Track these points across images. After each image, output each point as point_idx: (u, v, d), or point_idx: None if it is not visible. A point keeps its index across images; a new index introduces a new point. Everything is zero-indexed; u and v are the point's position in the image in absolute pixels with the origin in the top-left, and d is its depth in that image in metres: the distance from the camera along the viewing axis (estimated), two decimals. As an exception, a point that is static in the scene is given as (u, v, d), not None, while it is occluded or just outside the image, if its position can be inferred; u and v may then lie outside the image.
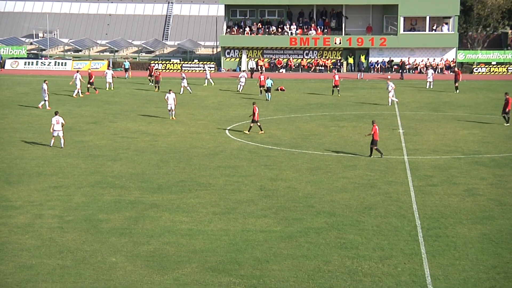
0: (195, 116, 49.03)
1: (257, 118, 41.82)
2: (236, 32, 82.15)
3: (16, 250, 22.54)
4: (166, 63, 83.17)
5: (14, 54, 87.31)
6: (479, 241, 23.46)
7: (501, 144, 39.55)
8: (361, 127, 45.05)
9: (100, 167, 33.62)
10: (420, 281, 20.31)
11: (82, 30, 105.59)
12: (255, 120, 41.82)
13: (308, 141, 40.41)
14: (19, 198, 28.35)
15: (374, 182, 31.01)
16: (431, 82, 65.83)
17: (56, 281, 20.12)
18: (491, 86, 68.26)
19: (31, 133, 42.37)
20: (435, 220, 25.67)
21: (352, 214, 26.37)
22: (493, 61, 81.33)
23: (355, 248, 22.81)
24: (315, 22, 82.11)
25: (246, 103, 55.51)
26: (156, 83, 63.03)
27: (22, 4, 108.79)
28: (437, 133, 42.71)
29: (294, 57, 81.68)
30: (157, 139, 40.48)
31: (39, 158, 35.44)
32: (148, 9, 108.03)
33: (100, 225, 25.00)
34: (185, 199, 28.34)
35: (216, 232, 24.29)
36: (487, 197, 28.72)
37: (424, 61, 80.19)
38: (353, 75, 77.03)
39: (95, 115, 48.71)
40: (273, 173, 32.63)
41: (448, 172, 32.88)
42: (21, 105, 53.54)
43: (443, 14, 79.94)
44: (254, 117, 41.73)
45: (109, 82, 63.47)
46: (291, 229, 24.67)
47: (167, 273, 20.76)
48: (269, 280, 20.29)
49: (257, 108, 41.90)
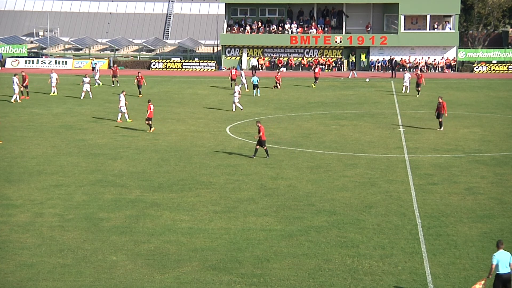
0: (195, 115, 49.02)
1: (264, 138, 35.07)
2: (236, 30, 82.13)
3: (16, 248, 22.55)
4: (166, 62, 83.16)
5: (15, 52, 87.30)
6: (479, 239, 23.45)
7: (502, 143, 39.54)
8: (361, 125, 45.05)
9: (101, 166, 33.62)
10: (421, 279, 20.31)
11: (83, 29, 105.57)
12: (263, 141, 35.00)
13: (308, 139, 40.41)
14: (19, 196, 28.35)
15: (374, 181, 31.01)
16: (408, 86, 61.37)
17: (57, 280, 20.13)
18: (492, 84, 68.24)
19: (32, 131, 42.38)
20: (435, 219, 25.66)
21: (352, 213, 26.37)
22: (493, 59, 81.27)
23: (355, 246, 22.82)
24: (315, 20, 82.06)
25: (246, 102, 55.49)
26: (139, 87, 58.43)
27: (23, 2, 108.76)
28: (438, 131, 42.69)
29: (294, 56, 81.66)
30: (157, 138, 40.48)
31: (40, 157, 35.45)
32: (148, 8, 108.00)
33: (101, 224, 25.01)
34: (185, 197, 28.35)
35: (217, 231, 24.30)
36: (488, 196, 28.72)
37: (417, 59, 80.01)
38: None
39: (96, 113, 48.70)
40: (274, 171, 32.63)
41: (448, 171, 32.88)
42: (22, 104, 53.51)
43: (443, 12, 79.88)
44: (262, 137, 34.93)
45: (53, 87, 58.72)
46: (291, 227, 24.67)
47: (168, 272, 20.77)
48: (270, 278, 20.30)
49: (263, 127, 35.18)
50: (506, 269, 18.03)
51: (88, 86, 56.69)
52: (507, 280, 18.05)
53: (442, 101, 42.79)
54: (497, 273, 18.09)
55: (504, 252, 18.16)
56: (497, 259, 18.04)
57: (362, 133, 42.47)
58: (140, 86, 58.55)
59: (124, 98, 45.67)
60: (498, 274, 18.08)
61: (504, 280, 18.06)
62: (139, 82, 58.40)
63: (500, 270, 18.04)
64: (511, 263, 18.08)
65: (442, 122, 43.38)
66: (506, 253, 18.17)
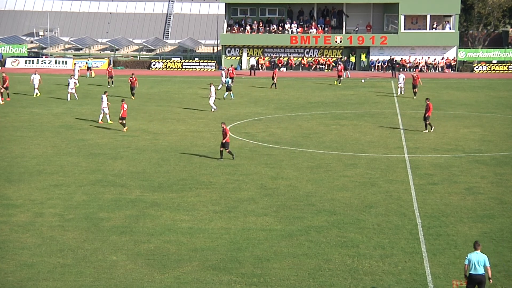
0: (195, 115, 49.02)
1: (228, 140, 34.40)
2: (236, 30, 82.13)
3: (16, 248, 22.55)
4: (166, 62, 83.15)
5: (15, 52, 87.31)
6: (479, 239, 23.39)
7: (502, 143, 39.54)
8: (361, 125, 45.04)
9: (101, 166, 33.63)
10: (421, 279, 20.31)
11: (83, 29, 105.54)
12: (226, 144, 34.34)
13: (308, 139, 40.41)
14: (19, 196, 28.36)
15: (374, 181, 31.01)
16: (402, 88, 59.76)
17: (57, 280, 20.13)
18: (492, 84, 68.24)
19: (32, 131, 42.38)
20: (435, 219, 25.66)
21: (352, 213, 26.37)
22: (493, 59, 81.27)
23: (355, 246, 22.81)
24: (315, 20, 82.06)
25: (246, 102, 55.52)
26: (132, 89, 56.67)
27: (23, 2, 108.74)
28: (438, 131, 42.69)
29: (294, 56, 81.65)
30: (157, 138, 40.48)
31: (40, 157, 35.45)
32: (148, 8, 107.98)
33: (101, 224, 25.01)
34: (185, 197, 28.35)
35: (217, 231, 24.30)
36: (488, 196, 28.72)
37: (417, 59, 79.97)
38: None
39: (96, 113, 48.68)
40: (274, 171, 32.63)
41: (448, 171, 32.87)
42: (22, 104, 53.52)
43: (443, 12, 79.89)
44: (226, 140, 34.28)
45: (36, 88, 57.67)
46: (291, 227, 24.67)
47: (168, 272, 20.77)
48: (270, 278, 20.30)
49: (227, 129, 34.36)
50: (479, 270, 18.09)
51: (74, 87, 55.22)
52: (479, 281, 18.14)
53: (429, 103, 42.33)
54: (469, 273, 18.23)
55: (478, 253, 18.27)
56: (468, 259, 18.23)
57: (362, 133, 42.46)
58: (133, 88, 56.66)
59: (107, 99, 45.07)
60: (470, 274, 18.24)
61: (476, 281, 18.15)
62: (132, 84, 56.60)
63: (472, 271, 18.17)
64: (486, 265, 18.14)
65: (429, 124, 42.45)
66: (481, 255, 18.26)
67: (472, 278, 18.14)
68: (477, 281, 18.13)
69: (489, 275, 18.19)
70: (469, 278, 18.21)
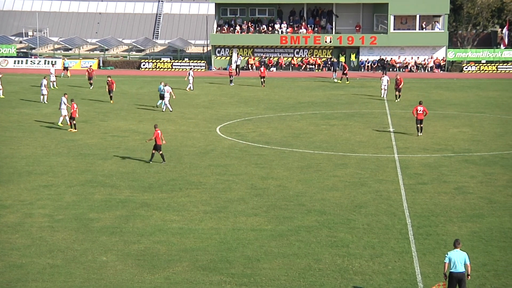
0: (185, 115, 48.96)
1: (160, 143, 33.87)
2: (226, 30, 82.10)
3: (6, 249, 22.46)
4: (156, 62, 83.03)
5: (4, 52, 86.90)
6: (469, 239, 23.52)
7: (491, 142, 39.68)
8: (352, 125, 45.11)
9: (91, 166, 33.54)
10: (411, 279, 20.36)
11: (72, 29, 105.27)
12: (158, 146, 33.87)
13: (299, 139, 40.43)
14: (9, 197, 28.24)
15: (364, 181, 31.05)
16: (386, 90, 57.00)
17: (47, 280, 20.07)
18: (481, 84, 68.48)
19: (21, 132, 42.22)
20: (425, 218, 25.73)
21: (342, 213, 26.40)
22: (482, 59, 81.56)
23: (345, 246, 22.85)
24: (305, 20, 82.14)
25: (237, 102, 55.50)
26: (109, 92, 54.49)
27: (12, 2, 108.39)
28: (428, 131, 42.79)
29: (284, 56, 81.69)
30: (147, 138, 40.35)
31: (29, 157, 35.32)
32: (138, 8, 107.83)
33: (91, 224, 24.95)
34: (175, 198, 28.31)
35: (207, 231, 24.28)
36: (477, 195, 28.81)
37: (407, 59, 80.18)
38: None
39: (86, 113, 48.56)
40: (264, 171, 32.63)
41: (438, 171, 32.96)
42: (11, 104, 53.32)
43: (433, 12, 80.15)
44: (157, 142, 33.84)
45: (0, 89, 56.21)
46: (282, 227, 24.68)
47: (158, 272, 20.74)
48: (260, 278, 20.30)
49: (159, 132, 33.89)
50: (459, 268, 18.18)
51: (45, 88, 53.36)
52: (459, 279, 18.22)
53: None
54: (450, 272, 18.30)
55: (458, 252, 18.35)
56: (449, 257, 18.30)
57: (352, 133, 42.53)
58: (111, 91, 54.25)
59: (66, 101, 43.98)
60: (451, 272, 18.32)
61: (456, 279, 18.22)
62: (110, 87, 54.15)
63: (452, 269, 18.26)
64: (466, 263, 18.22)
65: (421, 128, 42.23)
66: (461, 253, 18.34)
67: (453, 276, 18.21)
68: (458, 279, 18.19)
69: (468, 272, 18.27)
70: (450, 276, 18.28)
